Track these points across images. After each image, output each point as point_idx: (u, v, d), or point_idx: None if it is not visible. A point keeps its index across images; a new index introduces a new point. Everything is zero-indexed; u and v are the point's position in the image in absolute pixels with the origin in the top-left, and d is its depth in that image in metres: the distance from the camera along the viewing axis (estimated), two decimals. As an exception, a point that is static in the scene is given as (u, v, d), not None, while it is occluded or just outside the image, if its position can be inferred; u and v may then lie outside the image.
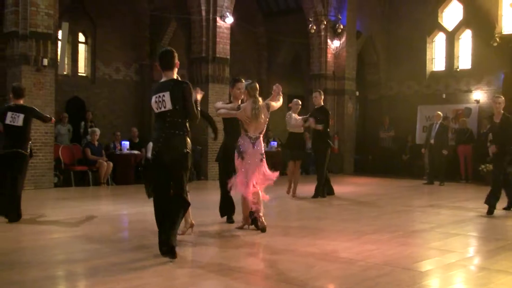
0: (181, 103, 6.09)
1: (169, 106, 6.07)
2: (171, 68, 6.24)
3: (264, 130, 8.01)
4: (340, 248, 6.87)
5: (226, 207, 8.66)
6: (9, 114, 8.75)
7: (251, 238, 7.54)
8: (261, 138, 7.92)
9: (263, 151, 7.87)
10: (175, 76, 6.26)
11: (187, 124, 6.21)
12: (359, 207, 11.31)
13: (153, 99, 6.17)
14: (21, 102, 8.99)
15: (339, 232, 8.06)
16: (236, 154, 7.81)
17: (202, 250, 6.83)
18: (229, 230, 8.09)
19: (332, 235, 7.81)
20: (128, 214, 10.21)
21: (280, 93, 8.22)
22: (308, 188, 12.82)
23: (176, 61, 6.27)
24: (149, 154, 12.11)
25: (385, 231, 8.18)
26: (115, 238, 7.70)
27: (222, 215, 8.72)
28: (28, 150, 9.02)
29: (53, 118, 10.02)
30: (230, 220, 8.61)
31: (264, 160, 7.86)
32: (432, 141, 16.41)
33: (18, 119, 8.75)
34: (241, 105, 7.89)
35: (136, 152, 15.76)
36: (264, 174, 7.84)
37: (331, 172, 19.59)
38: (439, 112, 16.75)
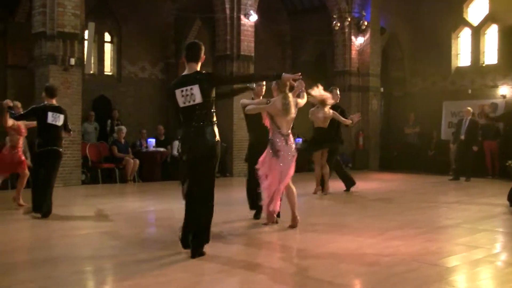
0: (211, 94, 5.97)
1: (199, 99, 5.88)
2: (196, 61, 6.08)
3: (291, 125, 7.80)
4: (365, 245, 6.84)
5: (254, 202, 8.57)
6: (50, 114, 9.02)
7: (276, 235, 7.53)
8: (291, 135, 7.72)
9: (294, 149, 7.69)
10: (198, 69, 6.12)
11: (214, 115, 6.05)
12: (384, 203, 11.23)
13: (178, 92, 5.96)
14: (54, 102, 9.24)
15: (364, 229, 8.01)
16: (269, 152, 7.57)
17: (228, 246, 6.83)
18: (254, 227, 8.09)
19: (357, 232, 7.77)
20: (155, 210, 10.27)
21: (304, 90, 8.03)
22: (334, 184, 12.75)
23: (203, 54, 6.15)
24: (175, 152, 12.18)
25: (410, 227, 8.12)
26: (143, 235, 7.75)
27: (251, 208, 8.67)
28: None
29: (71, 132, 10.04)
30: (257, 216, 8.55)
31: (295, 158, 7.72)
32: (462, 137, 16.19)
33: (59, 119, 9.11)
34: (271, 99, 7.65)
35: (162, 149, 15.84)
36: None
37: (357, 169, 19.52)
38: (469, 108, 16.48)
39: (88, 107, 17.09)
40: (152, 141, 15.87)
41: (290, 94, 7.58)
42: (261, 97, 8.06)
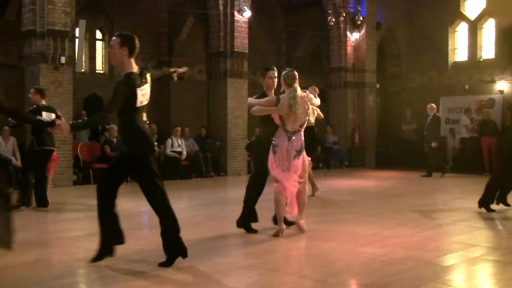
0: None
1: None
2: None
3: (305, 124, 7.36)
4: (362, 243, 6.88)
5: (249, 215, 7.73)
6: (44, 113, 9.96)
7: (269, 235, 7.54)
8: (302, 133, 7.30)
9: (300, 148, 7.21)
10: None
11: None
12: (381, 201, 11.27)
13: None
14: (44, 102, 10.21)
15: (361, 227, 8.06)
16: (271, 151, 7.24)
17: (223, 248, 6.85)
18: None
19: (355, 230, 7.82)
20: (149, 211, 10.22)
21: (316, 95, 7.77)
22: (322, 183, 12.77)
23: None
24: (168, 151, 11.74)
25: (408, 226, 8.17)
26: (136, 236, 7.75)
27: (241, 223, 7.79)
28: None
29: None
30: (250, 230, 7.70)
31: (301, 158, 7.23)
32: (425, 132, 16.85)
33: (51, 118, 9.84)
34: (280, 96, 7.19)
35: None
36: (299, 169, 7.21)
37: (354, 167, 19.58)
38: (433, 104, 16.88)
39: (79, 106, 17.07)
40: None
41: (299, 88, 7.22)
42: (272, 91, 7.52)
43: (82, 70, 17.74)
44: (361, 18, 19.86)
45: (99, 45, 19.15)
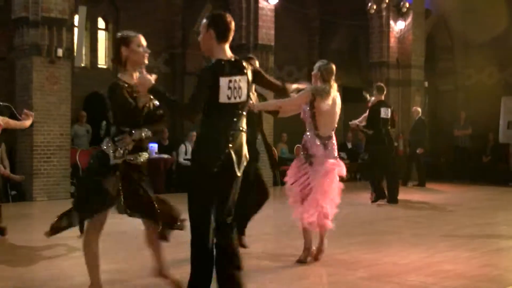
0: None
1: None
2: None
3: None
4: (409, 269, 6.77)
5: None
6: None
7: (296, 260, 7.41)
8: (334, 138, 7.08)
9: (336, 154, 7.04)
10: None
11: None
12: (431, 219, 11.15)
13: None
14: None
15: (409, 250, 7.96)
16: (297, 161, 7.07)
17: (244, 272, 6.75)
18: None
19: (400, 253, 7.72)
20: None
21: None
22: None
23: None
24: (181, 159, 11.47)
25: (464, 248, 8.03)
26: (146, 256, 7.68)
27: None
28: None
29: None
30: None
31: (337, 167, 6.96)
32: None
33: None
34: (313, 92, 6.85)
35: (166, 156, 15.83)
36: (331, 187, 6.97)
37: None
38: (417, 107, 17.66)
39: (78, 106, 17.09)
40: (154, 146, 15.85)
41: (336, 86, 6.98)
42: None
43: (82, 65, 17.80)
44: (407, 5, 19.76)
45: (101, 36, 19.19)
